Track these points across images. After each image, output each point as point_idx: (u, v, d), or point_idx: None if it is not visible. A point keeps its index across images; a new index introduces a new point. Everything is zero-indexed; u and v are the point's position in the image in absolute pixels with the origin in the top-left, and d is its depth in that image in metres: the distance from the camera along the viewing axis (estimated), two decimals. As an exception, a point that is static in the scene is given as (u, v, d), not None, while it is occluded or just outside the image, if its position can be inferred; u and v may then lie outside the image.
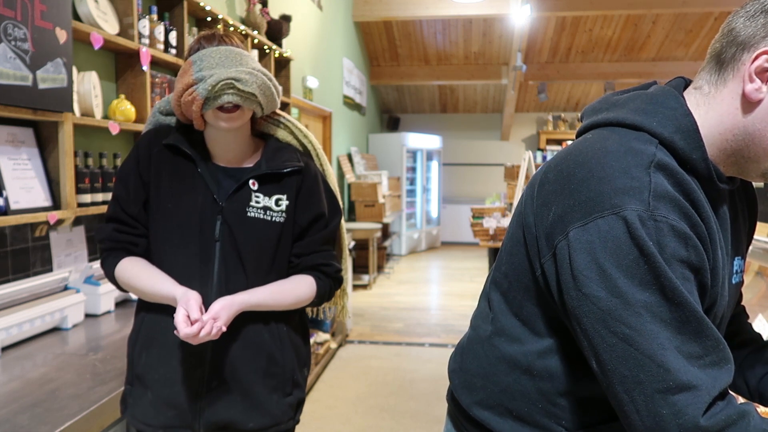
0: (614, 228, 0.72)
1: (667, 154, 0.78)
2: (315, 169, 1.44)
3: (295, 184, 1.38)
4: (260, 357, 1.34)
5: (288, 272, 1.40)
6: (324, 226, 1.42)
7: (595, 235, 0.73)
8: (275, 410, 1.37)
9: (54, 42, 1.87)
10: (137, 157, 1.37)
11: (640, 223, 0.71)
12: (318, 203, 1.41)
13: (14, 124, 1.91)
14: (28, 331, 1.80)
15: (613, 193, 0.73)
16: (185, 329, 1.15)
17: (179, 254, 1.33)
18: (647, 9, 6.79)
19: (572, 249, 0.75)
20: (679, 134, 0.79)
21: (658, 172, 0.75)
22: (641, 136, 0.80)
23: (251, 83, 1.26)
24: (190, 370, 1.32)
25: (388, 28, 8.23)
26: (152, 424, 1.33)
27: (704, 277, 0.74)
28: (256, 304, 1.30)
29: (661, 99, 0.83)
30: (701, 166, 0.79)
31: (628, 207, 0.72)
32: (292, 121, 1.48)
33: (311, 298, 1.39)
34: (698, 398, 0.68)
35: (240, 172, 1.37)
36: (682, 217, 0.73)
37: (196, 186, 1.34)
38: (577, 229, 0.75)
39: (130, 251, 1.37)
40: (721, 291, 0.82)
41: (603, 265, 0.72)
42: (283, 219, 1.36)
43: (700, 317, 0.70)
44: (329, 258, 1.43)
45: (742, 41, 0.77)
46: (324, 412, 3.41)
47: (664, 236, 0.71)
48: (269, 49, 4.03)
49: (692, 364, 0.69)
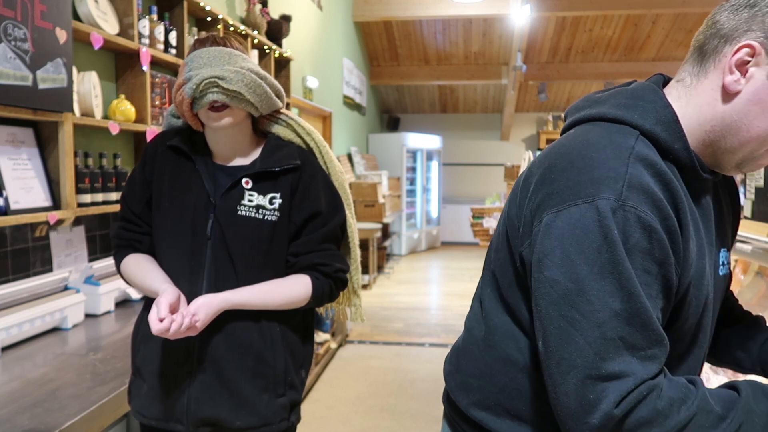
0: (585, 216, 0.74)
1: (648, 145, 0.80)
2: (315, 167, 1.43)
3: (291, 183, 1.37)
4: (248, 356, 1.34)
5: (286, 272, 1.39)
6: (322, 225, 1.40)
7: (566, 221, 0.75)
8: (265, 410, 1.35)
9: (54, 42, 1.87)
10: (144, 158, 1.43)
11: (610, 212, 0.73)
12: (314, 201, 1.39)
13: (14, 124, 1.91)
14: (28, 331, 1.80)
15: (589, 183, 0.75)
16: (155, 325, 1.16)
17: (173, 251, 1.36)
18: (647, 9, 6.79)
19: (543, 233, 0.77)
20: (660, 125, 0.81)
21: (637, 163, 0.76)
22: (623, 129, 0.81)
23: (236, 81, 1.27)
24: (177, 365, 1.33)
25: (388, 28, 8.23)
26: (147, 415, 1.35)
27: (668, 271, 0.75)
28: (240, 303, 1.29)
29: (640, 93, 0.85)
30: (683, 155, 0.81)
31: (601, 196, 0.74)
32: (295, 119, 1.47)
33: (306, 298, 1.37)
34: (624, 386, 0.70)
35: (237, 170, 1.37)
36: (652, 209, 0.74)
37: (193, 184, 1.35)
38: (551, 215, 0.77)
39: (136, 248, 1.42)
40: (699, 281, 0.82)
41: (567, 250, 0.74)
42: (276, 217, 1.35)
43: (648, 311, 0.72)
44: (328, 257, 1.40)
45: (725, 34, 0.79)
46: (324, 412, 3.41)
47: (630, 226, 0.73)
48: (269, 49, 4.03)
49: (632, 355, 0.71)
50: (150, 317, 1.17)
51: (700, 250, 0.82)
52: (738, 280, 2.48)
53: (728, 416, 0.72)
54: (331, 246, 1.43)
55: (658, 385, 0.71)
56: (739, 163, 0.82)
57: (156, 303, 1.20)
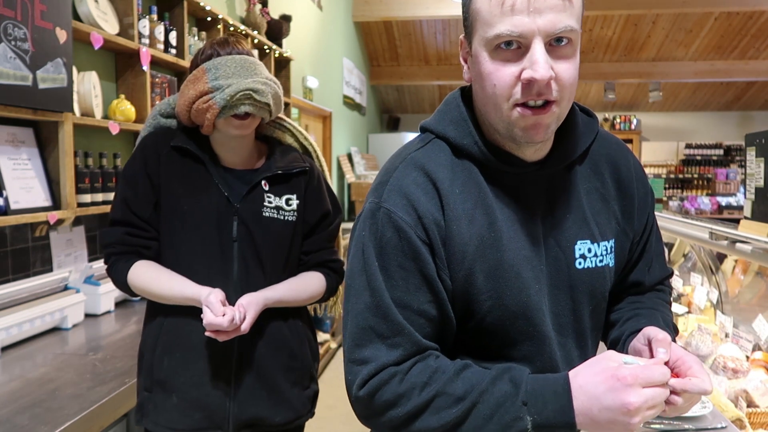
0: (363, 215, 0.86)
1: (438, 149, 0.88)
2: (317, 169, 1.50)
3: (303, 184, 1.43)
4: (282, 352, 1.38)
5: (298, 269, 1.44)
6: (330, 224, 1.48)
7: (358, 219, 0.88)
8: (297, 404, 1.41)
9: (54, 42, 1.87)
10: (144, 158, 1.36)
11: (370, 212, 0.84)
12: (324, 202, 1.47)
13: (14, 124, 1.91)
14: (28, 331, 1.80)
15: (372, 188, 0.88)
16: (214, 319, 1.19)
17: (198, 255, 1.34)
18: (647, 9, 6.79)
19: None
20: (452, 126, 0.89)
21: (408, 167, 0.86)
22: (424, 136, 0.92)
23: (267, 94, 1.31)
24: (218, 370, 1.33)
25: (388, 28, 8.23)
26: (178, 428, 1.33)
27: (424, 267, 0.81)
28: (278, 300, 1.34)
29: (445, 101, 0.93)
30: (474, 149, 0.86)
31: (369, 199, 0.86)
32: (294, 125, 1.53)
33: (322, 293, 1.44)
34: (366, 370, 0.80)
35: (248, 174, 1.39)
36: (407, 209, 0.82)
37: (209, 188, 1.35)
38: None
39: (143, 255, 1.35)
40: (493, 273, 0.83)
41: (352, 241, 0.88)
42: (295, 218, 1.40)
43: (387, 304, 0.81)
44: (335, 254, 1.49)
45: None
46: (324, 412, 3.41)
47: (384, 226, 0.82)
48: (269, 49, 4.03)
49: (382, 342, 0.81)
50: (207, 319, 1.20)
51: (495, 243, 0.83)
52: (738, 280, 2.47)
53: (466, 398, 0.77)
54: (334, 244, 1.51)
55: (401, 371, 0.80)
56: (498, 128, 0.84)
57: (207, 303, 1.22)
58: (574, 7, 0.77)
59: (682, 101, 10.21)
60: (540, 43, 0.76)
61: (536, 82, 0.76)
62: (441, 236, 0.83)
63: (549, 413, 0.74)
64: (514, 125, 0.80)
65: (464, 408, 0.76)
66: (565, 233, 0.89)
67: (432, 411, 0.78)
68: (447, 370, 0.80)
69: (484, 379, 0.78)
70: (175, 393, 1.33)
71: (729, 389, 1.61)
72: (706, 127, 10.55)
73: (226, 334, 1.22)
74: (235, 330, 1.22)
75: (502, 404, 0.75)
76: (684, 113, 10.58)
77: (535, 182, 0.88)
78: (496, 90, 0.79)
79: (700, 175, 10.35)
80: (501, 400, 0.76)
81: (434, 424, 0.77)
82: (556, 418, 0.74)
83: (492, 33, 0.77)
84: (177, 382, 1.33)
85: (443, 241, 0.83)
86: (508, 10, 0.75)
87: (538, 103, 0.78)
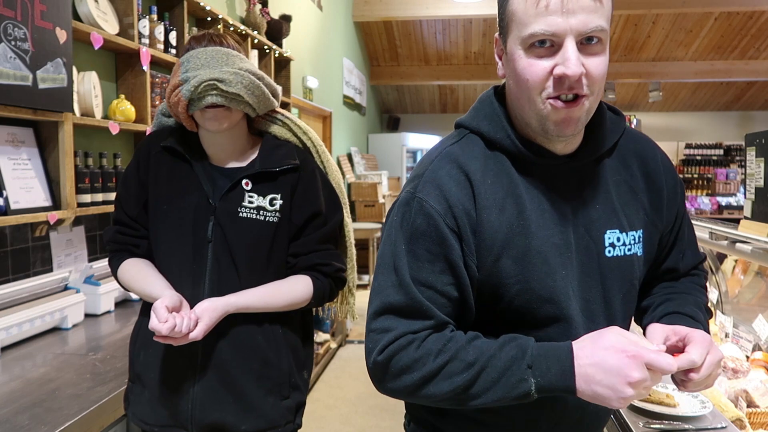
0: (398, 202, 0.92)
1: (472, 143, 0.93)
2: (313, 166, 1.42)
3: (291, 183, 1.36)
4: (253, 359, 1.33)
5: (286, 272, 1.38)
6: (322, 225, 1.39)
7: (393, 206, 0.95)
8: (271, 413, 1.34)
9: (54, 42, 1.87)
10: (138, 159, 1.38)
11: (405, 201, 0.91)
12: (314, 201, 1.38)
13: (14, 124, 1.91)
14: (28, 331, 1.80)
15: (408, 179, 0.94)
16: (156, 327, 1.15)
17: (173, 255, 1.33)
18: (647, 9, 6.79)
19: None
20: (485, 121, 0.93)
21: (442, 161, 0.91)
22: (459, 132, 0.97)
23: (235, 83, 1.25)
24: (181, 371, 1.32)
25: (388, 28, 8.23)
26: (149, 422, 1.34)
27: (450, 253, 0.87)
28: (244, 307, 1.28)
29: (479, 99, 0.99)
30: (507, 142, 0.91)
31: (406, 189, 0.93)
32: (291, 118, 1.46)
33: (308, 299, 1.36)
34: (386, 338, 0.86)
35: (235, 171, 1.35)
36: (439, 199, 0.88)
37: (191, 187, 1.33)
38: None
39: (133, 252, 1.38)
40: (522, 259, 0.87)
41: (385, 225, 0.95)
42: (278, 219, 1.33)
43: (412, 283, 0.86)
44: (328, 257, 1.40)
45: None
46: (324, 412, 3.41)
47: (416, 214, 0.88)
48: (269, 49, 4.03)
49: (402, 316, 0.87)
50: (151, 323, 1.16)
51: (524, 230, 0.88)
52: (738, 280, 2.47)
53: (476, 363, 0.82)
54: (330, 246, 1.42)
55: (418, 338, 0.85)
56: (530, 122, 0.88)
57: (153, 309, 1.18)
58: (605, 8, 0.82)
59: (682, 101, 10.21)
60: (572, 41, 0.80)
61: (568, 78, 0.81)
62: (471, 225, 0.88)
63: (552, 376, 0.79)
64: (547, 118, 0.85)
65: (474, 372, 0.82)
66: (594, 223, 0.93)
67: (444, 376, 0.83)
68: (460, 339, 0.85)
69: (493, 345, 0.84)
70: (147, 388, 1.34)
71: (729, 389, 1.60)
72: (706, 127, 10.54)
73: (174, 340, 1.17)
74: (183, 337, 1.18)
75: (509, 367, 0.81)
76: (684, 113, 10.58)
77: (565, 174, 0.92)
78: (529, 84, 0.84)
79: (700, 175, 10.34)
80: (508, 363, 0.81)
81: (446, 388, 0.83)
82: (558, 382, 0.79)
83: (527, 32, 0.82)
84: (148, 378, 1.34)
85: (473, 230, 0.88)
86: (542, 11, 0.80)
87: (569, 96, 0.83)
